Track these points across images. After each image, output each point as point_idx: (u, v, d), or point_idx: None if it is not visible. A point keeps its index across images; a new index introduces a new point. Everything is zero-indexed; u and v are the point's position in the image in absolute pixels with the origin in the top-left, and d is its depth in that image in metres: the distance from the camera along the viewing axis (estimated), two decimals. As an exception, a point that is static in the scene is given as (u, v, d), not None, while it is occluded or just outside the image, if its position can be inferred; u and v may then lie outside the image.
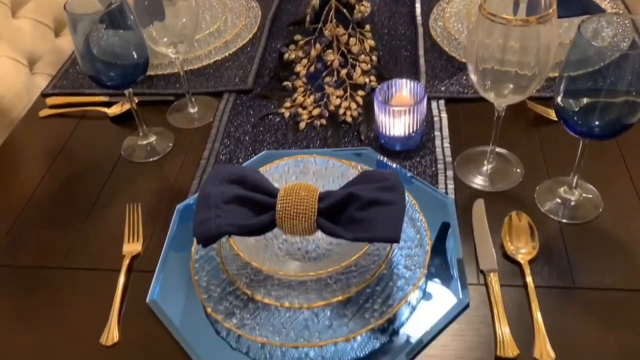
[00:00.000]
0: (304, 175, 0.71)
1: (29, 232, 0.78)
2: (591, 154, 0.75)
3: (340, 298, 0.61)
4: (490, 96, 0.69)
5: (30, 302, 0.69)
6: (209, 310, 0.63)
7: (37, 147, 0.92)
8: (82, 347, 0.64)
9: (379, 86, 0.81)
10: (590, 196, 0.73)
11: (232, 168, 0.66)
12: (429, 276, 0.66)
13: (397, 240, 0.59)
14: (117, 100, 0.97)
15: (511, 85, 0.67)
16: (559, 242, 0.69)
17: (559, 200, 0.73)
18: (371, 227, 0.59)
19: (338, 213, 0.62)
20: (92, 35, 0.75)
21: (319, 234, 0.67)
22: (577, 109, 0.63)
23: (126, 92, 0.82)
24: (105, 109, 0.95)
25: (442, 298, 0.64)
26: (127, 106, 0.94)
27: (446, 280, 0.66)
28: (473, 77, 0.68)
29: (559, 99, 0.63)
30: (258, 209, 0.63)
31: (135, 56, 0.78)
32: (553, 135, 0.82)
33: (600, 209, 0.72)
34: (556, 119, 0.84)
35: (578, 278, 0.65)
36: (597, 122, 0.63)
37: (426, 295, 0.64)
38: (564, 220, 0.71)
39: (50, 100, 0.99)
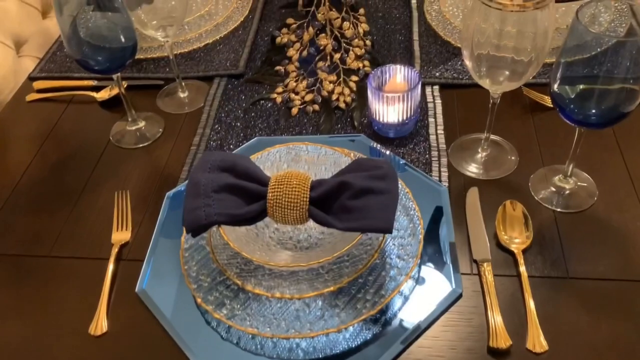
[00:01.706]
0: (296, 163, 0.70)
1: (16, 219, 0.76)
2: (587, 142, 0.75)
3: (332, 288, 0.60)
4: (485, 83, 0.68)
5: (17, 291, 0.68)
6: (199, 300, 0.62)
7: (24, 132, 0.90)
8: (70, 337, 0.63)
9: (373, 72, 0.80)
10: (585, 185, 0.73)
11: (222, 155, 0.65)
12: (422, 266, 0.65)
13: (389, 231, 0.58)
14: (105, 85, 0.95)
15: (507, 72, 0.66)
16: (553, 231, 0.68)
17: (553, 189, 0.72)
18: (363, 216, 0.58)
19: (330, 202, 0.61)
20: (78, 17, 0.73)
21: (311, 223, 0.66)
22: (573, 97, 0.62)
23: (114, 76, 0.80)
24: (93, 94, 0.93)
25: (435, 288, 0.63)
26: (115, 90, 0.92)
27: (439, 270, 0.65)
28: (468, 64, 0.67)
29: (555, 87, 0.62)
30: (249, 198, 0.62)
31: (123, 40, 0.76)
32: (549, 122, 0.81)
33: (595, 198, 0.71)
34: (552, 106, 0.83)
35: (572, 268, 0.64)
36: (593, 111, 0.62)
37: (419, 285, 0.64)
38: (558, 209, 0.70)
39: (38, 84, 0.96)
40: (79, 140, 0.88)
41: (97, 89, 0.94)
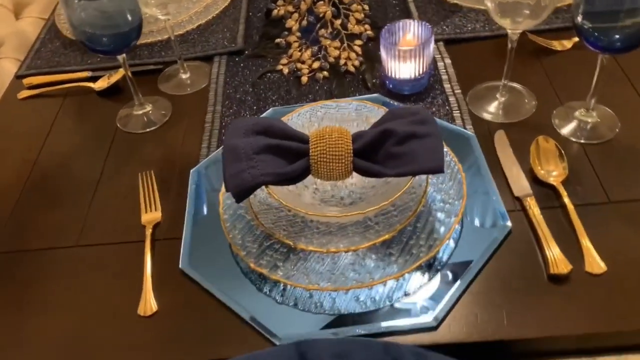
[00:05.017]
0: (328, 121, 0.69)
1: (32, 215, 0.73)
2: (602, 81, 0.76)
3: (386, 237, 0.59)
4: (506, 23, 0.68)
5: (48, 285, 0.65)
6: (252, 265, 0.60)
7: (23, 129, 0.86)
8: (119, 320, 0.60)
9: (384, 29, 0.79)
10: (607, 117, 0.74)
11: (254, 120, 0.63)
12: (467, 207, 0.65)
13: (441, 170, 0.57)
14: (100, 75, 0.92)
15: (527, 11, 0.67)
16: (585, 161, 0.69)
17: (576, 123, 0.73)
18: (412, 160, 0.58)
19: (374, 151, 0.60)
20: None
21: (348, 180, 0.65)
22: (597, 26, 0.63)
23: (119, 57, 0.77)
24: (90, 84, 0.90)
25: (484, 226, 0.63)
26: (114, 78, 0.89)
27: (485, 209, 0.65)
28: (489, 4, 0.67)
29: (579, 19, 0.63)
30: (291, 157, 0.60)
31: (130, 19, 0.73)
32: (559, 65, 0.83)
33: (617, 130, 0.73)
34: (560, 49, 0.85)
35: (611, 193, 0.66)
36: (617, 36, 0.63)
37: (467, 226, 0.64)
38: (583, 141, 0.71)
39: (28, 81, 0.92)
40: (84, 131, 0.84)
41: (94, 79, 0.91)
